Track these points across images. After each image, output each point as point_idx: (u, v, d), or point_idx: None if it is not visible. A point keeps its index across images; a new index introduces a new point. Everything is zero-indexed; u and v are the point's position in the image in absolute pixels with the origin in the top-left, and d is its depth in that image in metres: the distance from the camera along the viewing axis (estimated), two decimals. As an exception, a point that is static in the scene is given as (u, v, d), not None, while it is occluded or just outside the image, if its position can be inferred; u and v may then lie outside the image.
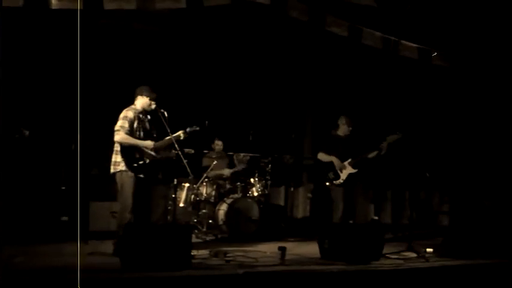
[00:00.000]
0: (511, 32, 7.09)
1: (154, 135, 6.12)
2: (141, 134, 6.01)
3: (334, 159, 7.13)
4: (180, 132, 6.19)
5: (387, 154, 7.14)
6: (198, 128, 6.35)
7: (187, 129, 6.25)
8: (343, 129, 7.28)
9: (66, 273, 4.63)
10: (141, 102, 6.09)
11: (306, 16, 7.18)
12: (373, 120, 9.03)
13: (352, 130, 7.27)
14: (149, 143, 5.95)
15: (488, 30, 7.81)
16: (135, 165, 5.86)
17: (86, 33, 7.69)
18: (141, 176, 5.88)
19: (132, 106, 6.08)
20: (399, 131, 7.04)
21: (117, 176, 5.91)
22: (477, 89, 8.68)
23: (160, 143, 6.06)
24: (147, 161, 5.94)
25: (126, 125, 5.89)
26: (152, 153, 5.96)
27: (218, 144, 8.63)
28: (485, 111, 8.75)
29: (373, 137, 7.33)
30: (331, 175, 7.11)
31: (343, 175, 7.10)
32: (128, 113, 5.96)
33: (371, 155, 7.11)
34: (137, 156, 5.89)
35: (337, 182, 7.11)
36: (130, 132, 5.91)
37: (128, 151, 5.88)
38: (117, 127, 5.88)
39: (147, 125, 6.12)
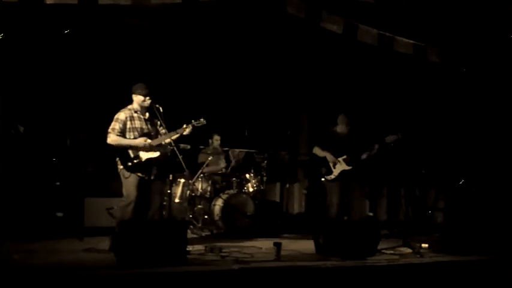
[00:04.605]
0: (508, 28, 7.08)
1: (152, 134, 6.09)
2: (136, 134, 5.99)
3: (327, 155, 7.16)
4: (185, 126, 6.11)
5: (384, 152, 7.16)
6: (205, 122, 6.23)
7: (194, 122, 6.16)
8: (341, 127, 7.30)
9: (62, 270, 4.63)
10: (136, 100, 6.08)
11: (302, 12, 7.16)
12: (370, 118, 9.03)
13: (350, 129, 7.30)
14: (139, 141, 5.94)
15: (484, 26, 7.80)
16: (130, 164, 5.89)
17: (82, 30, 7.73)
18: (139, 174, 5.89)
19: (129, 106, 6.08)
20: (399, 131, 7.05)
21: (120, 175, 5.97)
22: (473, 86, 8.68)
23: (158, 139, 6.05)
24: (143, 159, 5.94)
25: (117, 126, 5.93)
26: (146, 152, 5.94)
27: (217, 139, 8.60)
28: (482, 107, 8.76)
29: (371, 136, 7.34)
30: (323, 170, 7.14)
31: (336, 171, 7.11)
32: (119, 115, 5.99)
33: (363, 156, 7.14)
34: (132, 155, 5.91)
35: (329, 177, 7.12)
36: (122, 133, 5.95)
37: (122, 151, 5.93)
38: (109, 129, 5.94)
39: (144, 124, 6.09)
